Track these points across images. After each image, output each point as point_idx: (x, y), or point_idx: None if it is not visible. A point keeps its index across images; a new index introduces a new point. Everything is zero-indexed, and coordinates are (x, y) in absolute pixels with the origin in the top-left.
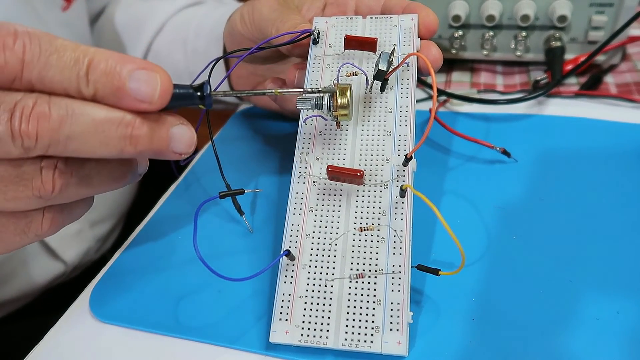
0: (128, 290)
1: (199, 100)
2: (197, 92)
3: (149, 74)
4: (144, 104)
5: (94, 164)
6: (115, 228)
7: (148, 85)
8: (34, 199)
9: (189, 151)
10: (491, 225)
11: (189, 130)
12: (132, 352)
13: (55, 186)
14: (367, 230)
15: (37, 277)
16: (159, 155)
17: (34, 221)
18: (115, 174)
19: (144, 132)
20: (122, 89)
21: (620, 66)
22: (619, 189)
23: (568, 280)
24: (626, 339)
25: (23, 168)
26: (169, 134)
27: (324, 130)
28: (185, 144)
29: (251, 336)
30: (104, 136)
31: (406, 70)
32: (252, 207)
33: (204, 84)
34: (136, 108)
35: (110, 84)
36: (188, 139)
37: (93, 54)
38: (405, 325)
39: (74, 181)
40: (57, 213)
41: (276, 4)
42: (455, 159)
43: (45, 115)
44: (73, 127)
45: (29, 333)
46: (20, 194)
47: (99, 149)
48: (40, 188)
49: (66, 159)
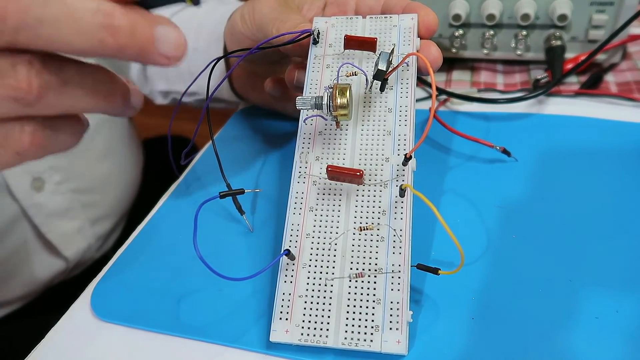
0: (129, 289)
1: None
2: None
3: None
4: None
5: (76, 68)
6: (116, 227)
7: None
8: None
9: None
10: (491, 224)
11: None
12: (133, 351)
13: (32, 85)
14: (367, 229)
15: (39, 275)
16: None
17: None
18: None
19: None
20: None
21: (621, 65)
22: (619, 188)
23: (568, 279)
24: (626, 337)
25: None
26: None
27: (323, 130)
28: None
29: (251, 335)
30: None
31: (406, 70)
32: (253, 207)
33: None
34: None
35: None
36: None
37: None
38: (404, 324)
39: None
40: (39, 128)
41: (276, 3)
42: (455, 158)
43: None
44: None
45: (31, 332)
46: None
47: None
48: (15, 86)
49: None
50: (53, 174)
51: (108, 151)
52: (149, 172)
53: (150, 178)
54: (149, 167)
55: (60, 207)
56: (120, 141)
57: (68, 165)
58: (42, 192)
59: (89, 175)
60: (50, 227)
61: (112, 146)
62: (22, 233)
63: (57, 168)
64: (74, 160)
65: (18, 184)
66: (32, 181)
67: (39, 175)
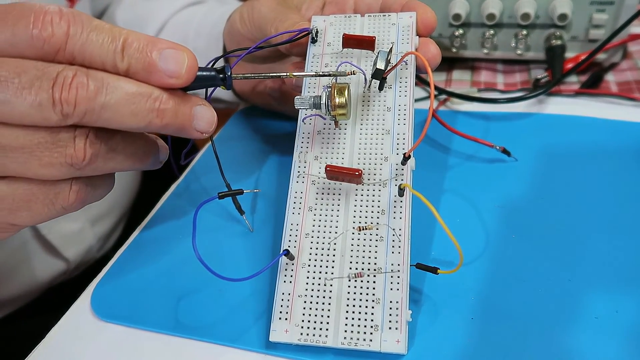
0: (129, 289)
1: (221, 81)
2: (220, 74)
3: (177, 52)
4: (171, 79)
5: (121, 138)
6: (116, 227)
7: (176, 61)
8: (65, 167)
9: (210, 130)
10: (491, 224)
11: (210, 110)
12: (133, 351)
13: (86, 154)
14: (366, 229)
15: (39, 276)
16: (182, 132)
17: (62, 192)
18: (139, 151)
19: (170, 106)
20: (153, 64)
21: (621, 64)
22: (619, 188)
23: (567, 279)
24: (625, 337)
25: (59, 135)
26: (192, 111)
27: (322, 130)
28: (207, 122)
29: (251, 335)
30: (135, 107)
31: (405, 69)
32: (253, 206)
33: (225, 66)
34: (164, 83)
35: (143, 59)
36: (209, 118)
37: (127, 33)
38: (404, 323)
39: (103, 152)
40: (83, 186)
41: (275, 3)
42: (455, 158)
43: (84, 85)
44: (107, 98)
45: (32, 332)
46: (54, 160)
47: (129, 119)
48: (73, 155)
49: (97, 130)
50: None
51: None
52: (149, 172)
53: (150, 177)
54: None
55: None
56: None
57: None
58: None
59: None
60: (50, 228)
61: None
62: (22, 234)
63: None
64: None
65: None
66: None
67: None
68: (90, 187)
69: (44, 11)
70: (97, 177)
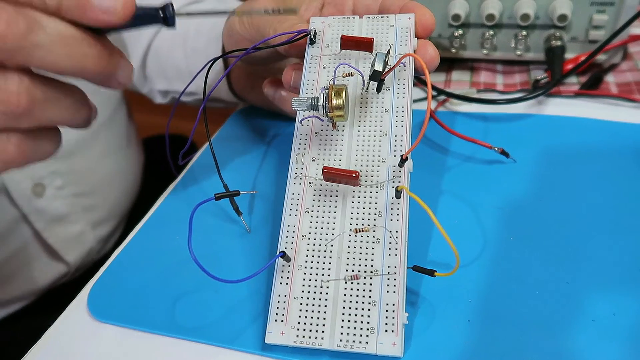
0: (126, 290)
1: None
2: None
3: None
4: (106, 15)
5: (59, 86)
6: (117, 229)
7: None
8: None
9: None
10: (489, 226)
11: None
12: (129, 351)
13: (20, 100)
14: (363, 231)
15: (40, 278)
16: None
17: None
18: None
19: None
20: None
21: (621, 65)
22: (618, 190)
23: (565, 281)
24: (623, 340)
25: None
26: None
27: (320, 131)
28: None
29: (247, 337)
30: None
31: (403, 71)
32: (250, 207)
33: (167, 4)
34: (99, 19)
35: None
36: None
37: None
38: (400, 326)
39: (40, 99)
40: (22, 139)
41: (274, 4)
42: (453, 159)
43: (14, 21)
44: (41, 37)
45: (31, 333)
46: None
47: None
48: (5, 100)
49: (31, 74)
50: (55, 178)
51: (109, 151)
52: (149, 172)
53: (150, 177)
54: (149, 166)
55: (61, 212)
56: (121, 141)
57: (69, 169)
58: (43, 198)
59: (90, 177)
60: (51, 232)
61: (113, 146)
62: (23, 238)
63: (58, 172)
64: (75, 162)
65: (18, 189)
66: (32, 187)
67: (40, 181)
68: (32, 141)
69: None
70: (39, 130)
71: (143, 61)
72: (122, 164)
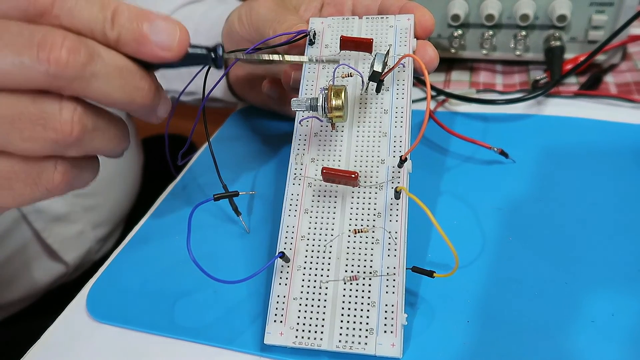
0: (124, 290)
1: (212, 60)
2: (211, 53)
3: (169, 24)
4: (163, 52)
5: (107, 116)
6: (116, 229)
7: (168, 34)
8: (49, 143)
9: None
10: (488, 226)
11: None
12: (127, 352)
13: (73, 130)
14: (362, 232)
15: (39, 279)
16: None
17: (46, 172)
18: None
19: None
20: (145, 35)
21: (621, 66)
22: (617, 191)
23: (564, 282)
24: (622, 341)
25: (43, 105)
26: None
27: (319, 132)
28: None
29: (246, 337)
30: (123, 82)
31: (402, 71)
32: (250, 208)
33: (217, 45)
34: (155, 55)
35: (134, 30)
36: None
37: (117, 2)
38: (399, 327)
39: (90, 129)
40: (68, 168)
41: (273, 4)
42: (452, 160)
43: (77, 49)
44: (98, 67)
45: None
46: (37, 134)
47: (116, 92)
48: (58, 129)
49: (84, 104)
50: None
51: None
52: (149, 172)
53: (150, 177)
54: (149, 166)
55: (61, 212)
56: None
57: None
58: None
59: None
60: (51, 232)
61: None
62: (22, 238)
63: None
64: None
65: None
66: None
67: None
68: (77, 170)
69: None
70: (82, 159)
71: None
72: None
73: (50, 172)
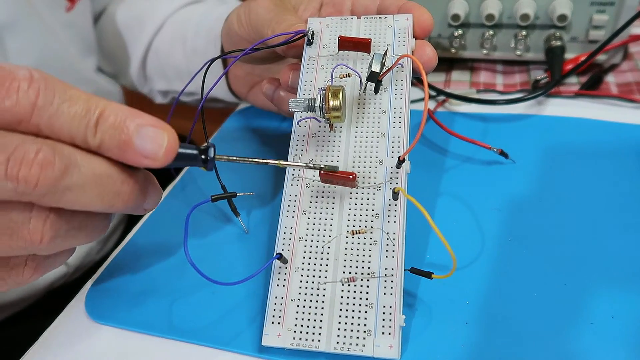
0: (123, 291)
1: (202, 162)
2: (202, 155)
3: (156, 131)
4: (147, 160)
5: (83, 217)
6: (116, 229)
7: (154, 142)
8: (17, 249)
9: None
10: (487, 227)
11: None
12: (126, 353)
13: (43, 238)
14: (360, 233)
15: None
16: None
17: (15, 269)
18: (98, 226)
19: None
20: (129, 142)
21: (622, 65)
22: (618, 191)
23: (563, 283)
24: (621, 343)
25: (10, 215)
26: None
27: (317, 132)
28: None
29: (244, 339)
30: (101, 190)
31: (400, 71)
32: (249, 208)
33: (209, 147)
34: (138, 162)
35: (118, 136)
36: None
37: (104, 106)
38: (397, 328)
39: (62, 234)
40: (40, 262)
41: (272, 4)
42: (452, 160)
43: (50, 163)
44: (74, 179)
45: (30, 335)
46: (4, 242)
47: (93, 201)
48: (27, 239)
49: (58, 210)
50: None
51: None
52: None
53: None
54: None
55: None
56: None
57: None
58: None
59: None
60: None
61: None
62: None
63: None
64: None
65: None
66: None
67: None
68: (50, 261)
69: (12, 77)
70: None
71: (143, 61)
72: None
73: (20, 269)
